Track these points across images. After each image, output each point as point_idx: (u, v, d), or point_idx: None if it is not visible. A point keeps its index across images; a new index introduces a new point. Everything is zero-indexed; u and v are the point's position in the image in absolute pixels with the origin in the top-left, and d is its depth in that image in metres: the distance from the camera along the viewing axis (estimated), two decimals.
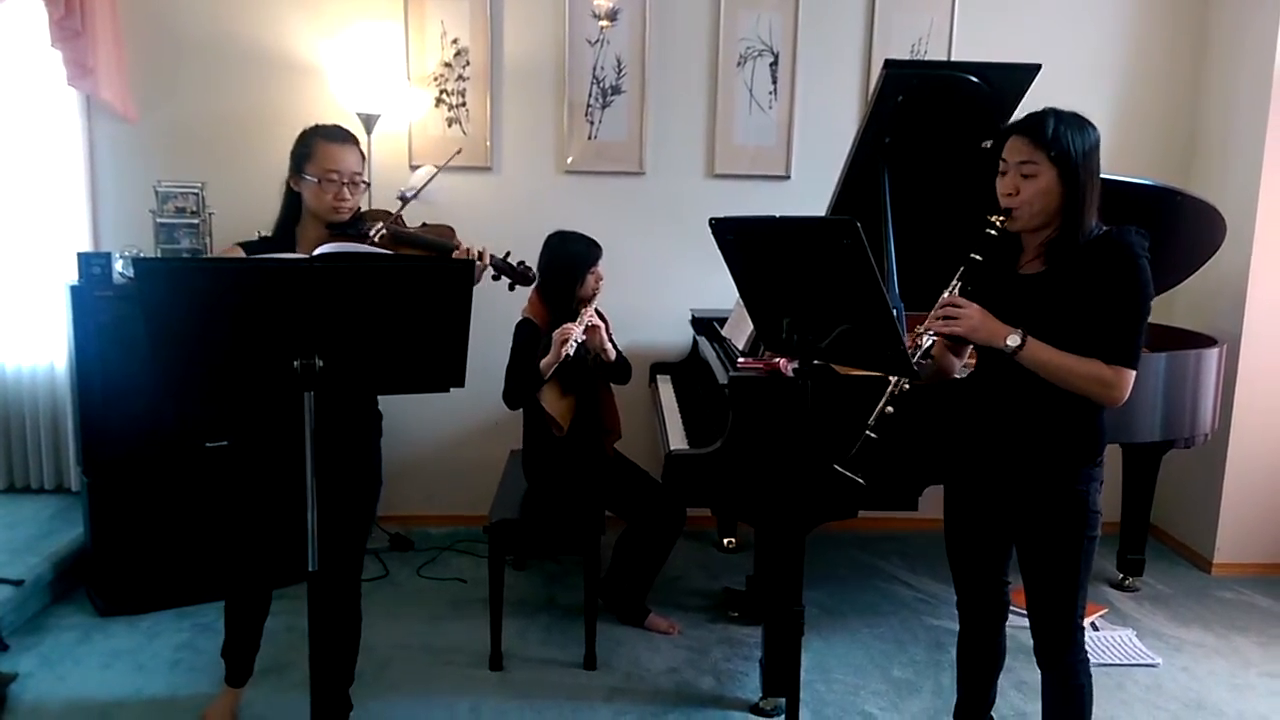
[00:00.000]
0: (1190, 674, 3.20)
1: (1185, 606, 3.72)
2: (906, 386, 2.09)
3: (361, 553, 2.63)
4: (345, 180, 2.37)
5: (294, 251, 2.43)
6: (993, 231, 2.05)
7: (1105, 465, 2.12)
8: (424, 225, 2.61)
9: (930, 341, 2.10)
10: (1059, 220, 2.02)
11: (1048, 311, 2.02)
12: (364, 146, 3.79)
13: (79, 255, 3.34)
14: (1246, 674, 3.22)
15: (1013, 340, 1.99)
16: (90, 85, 3.69)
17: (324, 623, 2.52)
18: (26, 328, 4.00)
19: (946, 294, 2.09)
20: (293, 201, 2.44)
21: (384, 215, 2.52)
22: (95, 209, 3.99)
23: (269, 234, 2.49)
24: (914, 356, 2.06)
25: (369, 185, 2.45)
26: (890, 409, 2.09)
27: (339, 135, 2.41)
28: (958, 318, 2.04)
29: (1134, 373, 1.99)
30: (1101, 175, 2.04)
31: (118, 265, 3.40)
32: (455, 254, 2.49)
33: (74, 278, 3.34)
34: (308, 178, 2.36)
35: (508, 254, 2.69)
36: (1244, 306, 3.88)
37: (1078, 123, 2.00)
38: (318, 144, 2.38)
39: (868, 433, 2.09)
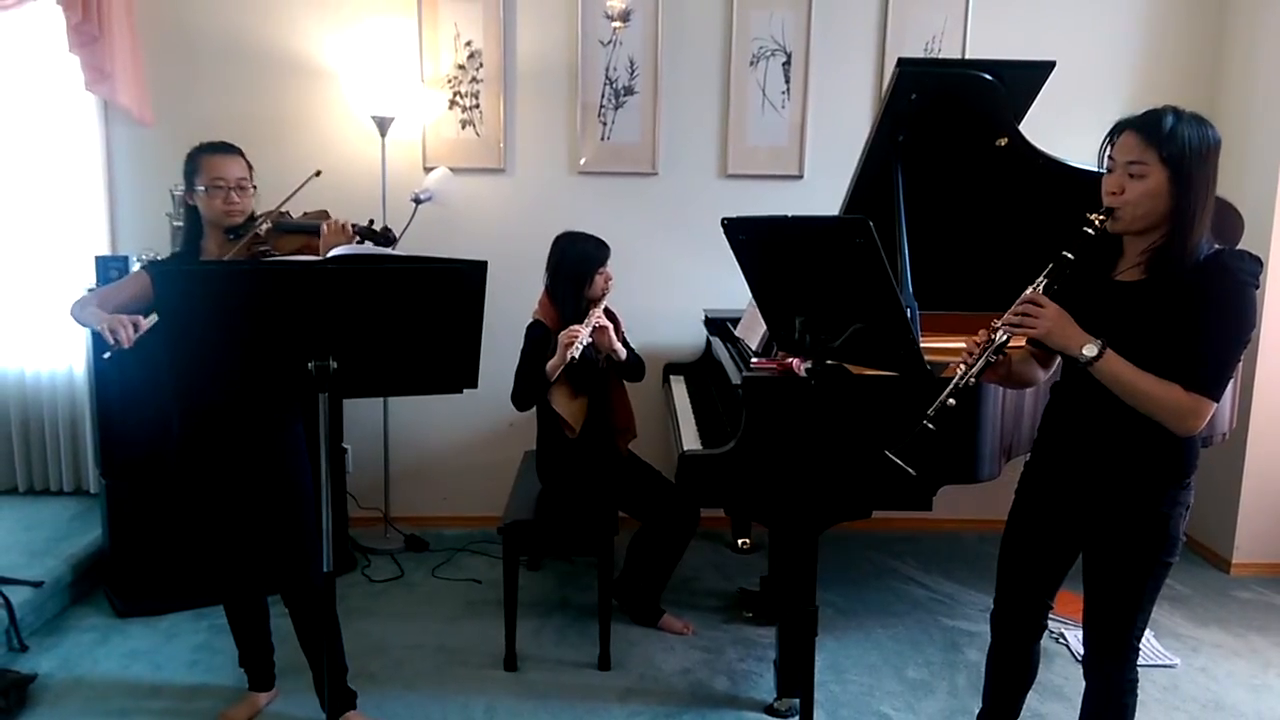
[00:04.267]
0: (1209, 675, 3.18)
1: (1203, 607, 3.70)
2: (973, 381, 1.95)
3: (307, 544, 2.60)
4: (231, 186, 2.49)
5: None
6: (1090, 230, 1.89)
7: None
8: (305, 214, 2.74)
9: (1004, 337, 1.95)
10: (1166, 226, 1.86)
11: (1140, 324, 1.88)
12: (378, 149, 3.88)
13: (97, 259, 3.39)
14: (1266, 675, 3.19)
15: (1089, 350, 1.86)
16: (107, 90, 3.72)
17: (308, 623, 2.58)
18: (46, 332, 4.03)
19: (1030, 290, 1.93)
20: (192, 217, 2.59)
21: (277, 217, 2.63)
22: (113, 213, 4.03)
23: (178, 250, 2.68)
24: (985, 351, 1.95)
25: (256, 189, 2.58)
26: (953, 401, 1.94)
27: (220, 147, 2.55)
28: (1035, 317, 1.90)
29: (1215, 405, 1.83)
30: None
31: (135, 269, 3.43)
32: (325, 226, 2.58)
33: (92, 282, 3.37)
34: (198, 189, 2.50)
35: (371, 221, 2.73)
36: (1263, 305, 3.85)
37: (1197, 123, 1.84)
38: (201, 158, 2.52)
39: (925, 423, 1.95)
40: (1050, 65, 2.79)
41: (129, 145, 4.00)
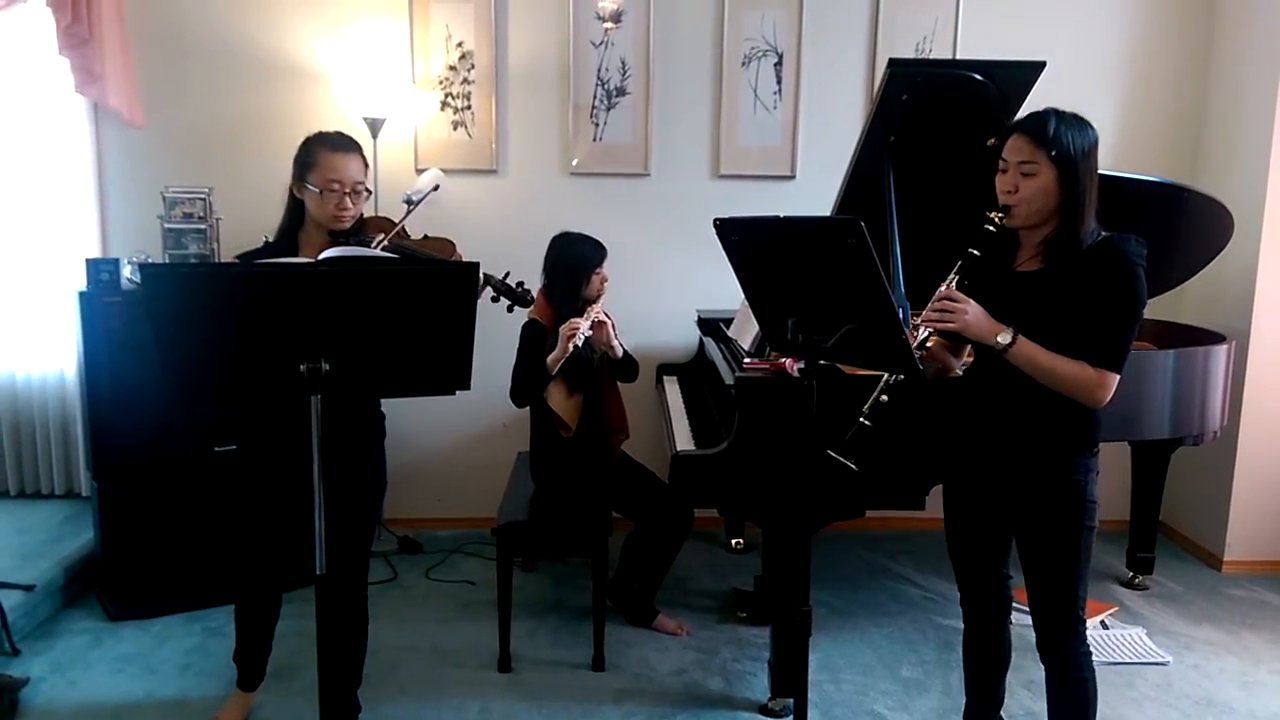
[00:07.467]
0: (1201, 672, 3.19)
1: (1195, 604, 3.71)
2: (902, 376, 2.10)
3: (367, 555, 2.64)
4: (347, 190, 2.35)
5: (297, 258, 2.43)
6: (991, 228, 2.07)
7: (1103, 457, 2.16)
8: (425, 237, 2.57)
9: (927, 334, 2.11)
10: (1057, 219, 2.04)
11: (1041, 310, 2.04)
12: (369, 151, 3.86)
13: (87, 261, 3.36)
14: (1257, 671, 3.20)
15: (1003, 338, 2.02)
16: (98, 92, 3.71)
17: (332, 625, 2.54)
18: (36, 334, 4.02)
19: (943, 288, 2.10)
20: (295, 208, 2.44)
21: (386, 224, 2.51)
22: (103, 215, 4.01)
23: (272, 239, 2.50)
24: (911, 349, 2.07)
25: (371, 193, 2.43)
26: (885, 398, 2.11)
27: (342, 144, 2.38)
28: (954, 313, 2.06)
29: (1118, 377, 2.02)
30: (1110, 172, 2.07)
31: (126, 271, 3.42)
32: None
33: (83, 284, 3.36)
34: (310, 187, 2.35)
35: (506, 274, 2.64)
36: (1252, 303, 3.86)
37: (1078, 123, 2.03)
38: (320, 153, 2.35)
39: (862, 420, 2.11)
40: (1040, 65, 2.80)
41: (119, 147, 3.98)
